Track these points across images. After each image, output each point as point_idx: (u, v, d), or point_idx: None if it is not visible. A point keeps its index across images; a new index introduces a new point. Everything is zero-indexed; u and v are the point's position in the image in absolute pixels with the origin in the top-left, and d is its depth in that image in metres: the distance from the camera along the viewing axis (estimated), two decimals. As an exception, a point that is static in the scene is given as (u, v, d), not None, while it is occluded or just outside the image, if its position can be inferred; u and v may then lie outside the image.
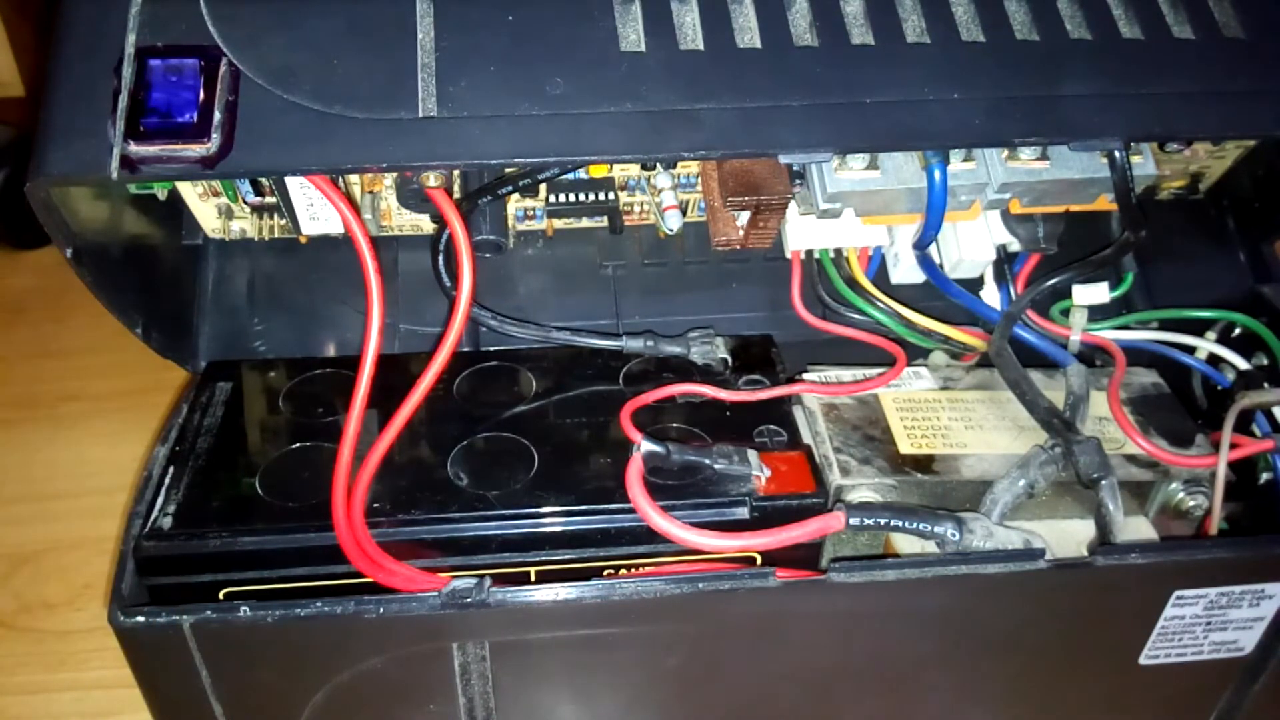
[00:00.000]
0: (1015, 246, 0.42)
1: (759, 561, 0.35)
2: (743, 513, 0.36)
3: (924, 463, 0.37)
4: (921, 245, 0.41)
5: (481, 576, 0.32)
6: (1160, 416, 0.40)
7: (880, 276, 0.44)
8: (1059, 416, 0.36)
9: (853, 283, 0.43)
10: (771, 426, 0.39)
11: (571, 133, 0.33)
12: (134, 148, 0.31)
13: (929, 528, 0.34)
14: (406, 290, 0.46)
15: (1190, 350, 0.42)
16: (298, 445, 0.38)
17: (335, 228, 0.42)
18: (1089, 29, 0.36)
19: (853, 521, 0.33)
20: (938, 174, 0.37)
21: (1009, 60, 0.35)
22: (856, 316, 0.43)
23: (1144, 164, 0.38)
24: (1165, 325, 0.43)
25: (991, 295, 0.43)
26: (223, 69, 0.32)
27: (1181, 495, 0.37)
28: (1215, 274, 0.45)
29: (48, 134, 0.31)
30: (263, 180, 0.41)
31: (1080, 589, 0.34)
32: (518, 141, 0.32)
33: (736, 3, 0.35)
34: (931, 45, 0.35)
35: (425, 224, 0.44)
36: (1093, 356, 0.43)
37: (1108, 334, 0.43)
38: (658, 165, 0.42)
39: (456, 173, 0.40)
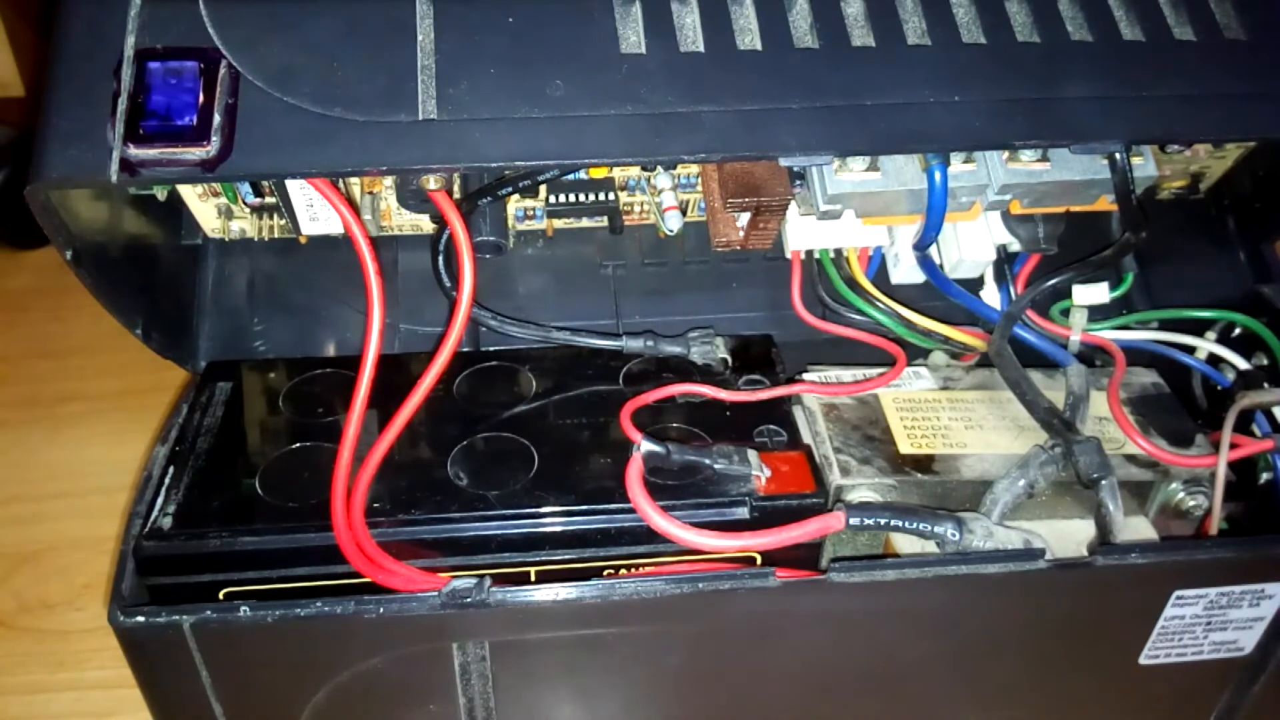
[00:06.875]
0: (1015, 247, 0.42)
1: (759, 561, 0.35)
2: (743, 513, 0.36)
3: (924, 463, 0.37)
4: (922, 246, 0.41)
5: (481, 576, 0.32)
6: (1160, 416, 0.40)
7: (880, 277, 0.44)
8: (1059, 416, 0.36)
9: (853, 283, 0.43)
10: (771, 426, 0.39)
11: (572, 135, 0.33)
12: (133, 151, 0.31)
13: (929, 528, 0.34)
14: (406, 290, 0.46)
15: (1190, 350, 0.42)
16: (298, 445, 0.38)
17: (335, 228, 0.42)
18: (1090, 31, 0.36)
19: (853, 521, 0.33)
20: (938, 176, 0.37)
21: (1010, 62, 0.35)
22: (856, 316, 0.43)
23: (1144, 165, 0.38)
24: (1165, 325, 0.43)
25: (991, 295, 0.43)
26: (222, 71, 0.32)
27: (1181, 495, 0.37)
28: (1215, 274, 0.45)
29: (47, 137, 0.31)
30: (262, 181, 0.41)
31: (1080, 589, 0.34)
32: (518, 144, 0.32)
33: (737, 4, 0.35)
34: (932, 47, 0.35)
35: (425, 224, 0.44)
36: (1093, 356, 0.43)
37: (1108, 334, 0.43)
38: (658, 166, 0.42)
39: (456, 174, 0.40)
